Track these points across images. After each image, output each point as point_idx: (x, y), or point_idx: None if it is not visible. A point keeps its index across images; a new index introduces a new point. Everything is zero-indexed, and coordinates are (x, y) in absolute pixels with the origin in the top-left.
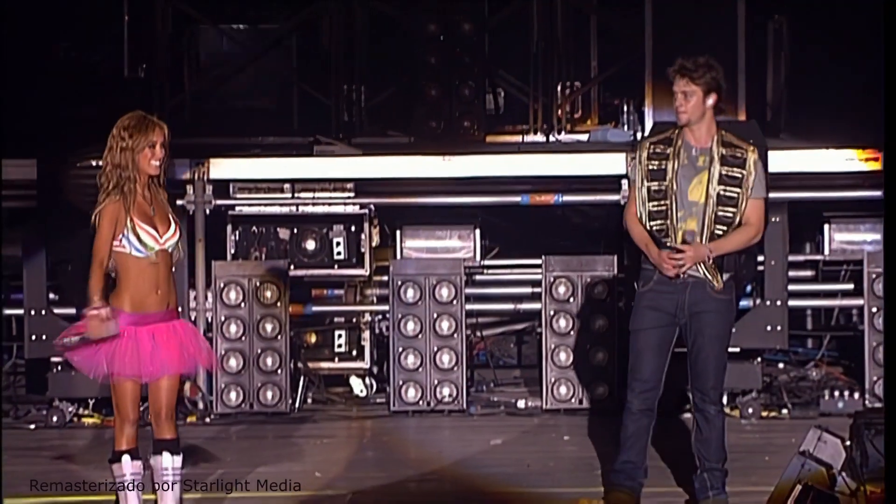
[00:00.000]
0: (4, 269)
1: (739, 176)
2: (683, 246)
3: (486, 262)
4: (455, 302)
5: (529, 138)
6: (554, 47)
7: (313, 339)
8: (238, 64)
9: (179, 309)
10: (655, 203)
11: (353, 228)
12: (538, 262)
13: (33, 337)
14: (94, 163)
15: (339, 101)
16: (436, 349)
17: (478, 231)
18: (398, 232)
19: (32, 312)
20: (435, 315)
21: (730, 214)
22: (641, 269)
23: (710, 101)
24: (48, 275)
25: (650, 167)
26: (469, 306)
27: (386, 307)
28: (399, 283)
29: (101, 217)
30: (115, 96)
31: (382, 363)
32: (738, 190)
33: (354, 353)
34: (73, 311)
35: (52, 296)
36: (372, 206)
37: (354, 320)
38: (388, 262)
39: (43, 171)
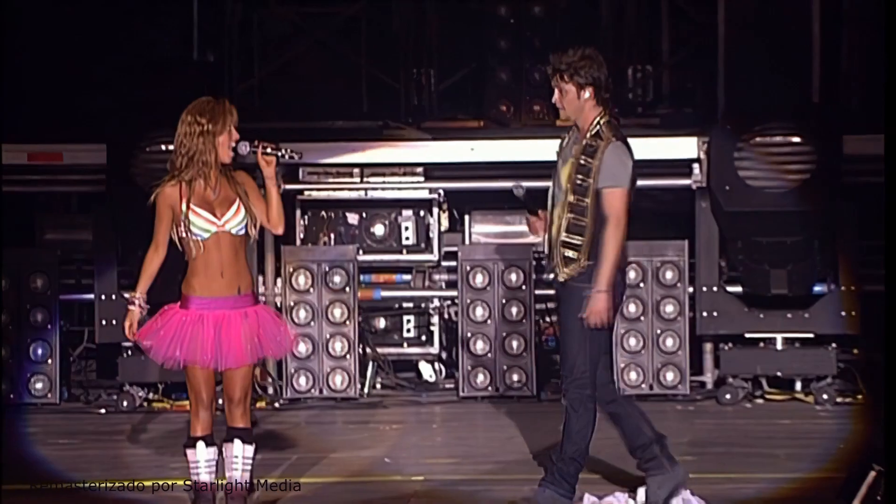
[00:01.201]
0: (76, 254)
1: (590, 165)
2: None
3: None
4: (524, 287)
5: None
6: (624, 30)
7: (382, 324)
8: (307, 47)
9: (259, 295)
10: (549, 198)
11: (421, 213)
12: None
13: (104, 322)
14: (163, 147)
15: (408, 84)
16: (505, 334)
17: (546, 214)
18: (467, 217)
19: (103, 297)
20: (504, 300)
21: (582, 205)
22: None
23: (586, 95)
24: (119, 260)
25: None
26: (538, 291)
27: (455, 292)
28: (468, 268)
29: (157, 201)
30: (184, 80)
31: (451, 349)
32: (588, 179)
33: (423, 338)
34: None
35: (122, 281)
36: (441, 191)
37: (423, 306)
38: (456, 247)
39: (113, 155)
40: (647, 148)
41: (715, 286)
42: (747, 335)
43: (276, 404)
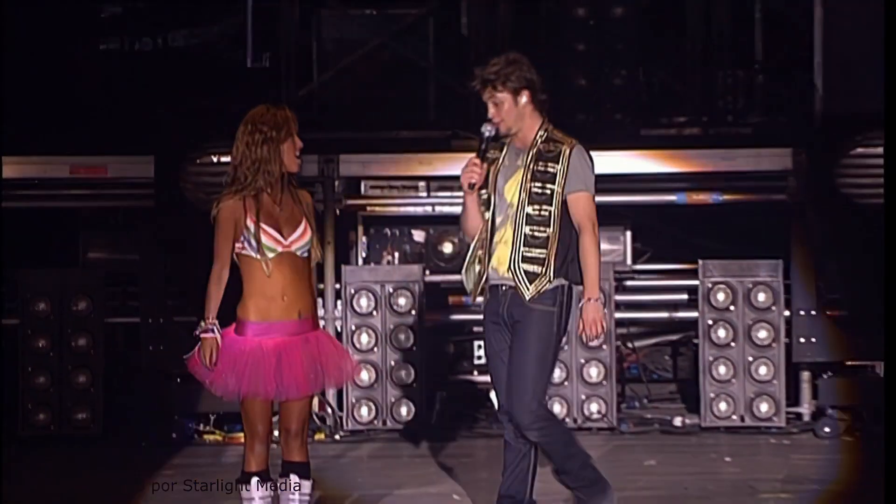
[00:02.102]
0: (122, 274)
1: (552, 171)
2: (578, 322)
3: (638, 267)
4: (604, 310)
5: (687, 132)
6: (713, 31)
7: (451, 349)
8: (369, 52)
9: (320, 322)
10: (488, 213)
11: None
12: (695, 266)
13: (151, 347)
14: (215, 158)
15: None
16: (583, 361)
17: (629, 233)
18: None
19: (150, 321)
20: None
21: (544, 214)
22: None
23: (524, 99)
24: (167, 280)
25: (487, 175)
26: (619, 315)
27: None
28: None
29: (219, 215)
30: (237, 87)
31: None
32: (551, 186)
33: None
34: (193, 319)
35: (170, 303)
36: None
37: None
38: None
39: (161, 168)
40: (737, 159)
41: (812, 310)
42: (847, 363)
43: (336, 436)
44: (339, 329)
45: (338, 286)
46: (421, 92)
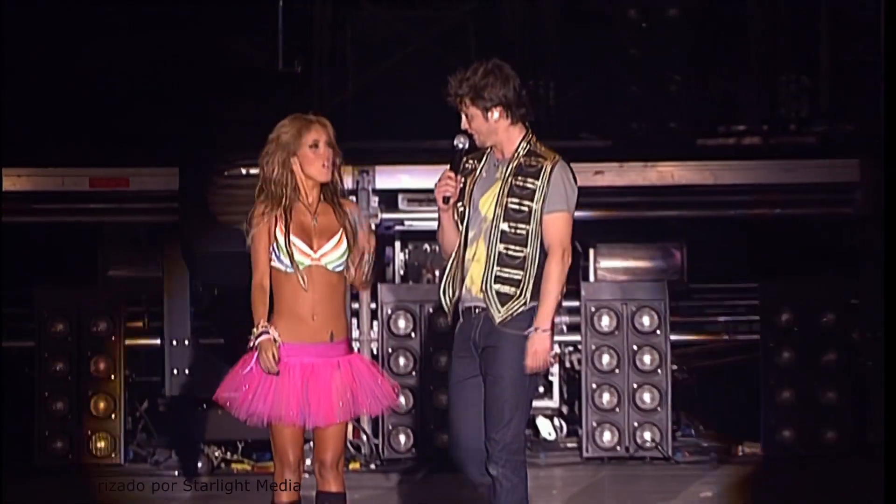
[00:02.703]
0: (144, 294)
1: (532, 187)
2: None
3: (695, 285)
4: (658, 331)
5: (746, 141)
6: (776, 33)
7: None
8: (407, 55)
9: (353, 341)
10: (462, 225)
11: None
12: (755, 285)
13: (175, 371)
14: (243, 170)
15: None
16: (635, 386)
17: (685, 249)
18: (592, 250)
19: (174, 343)
20: (635, 347)
21: (520, 233)
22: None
23: (495, 115)
24: (193, 300)
25: (461, 186)
26: (674, 336)
27: (577, 337)
28: (592, 309)
29: (251, 225)
30: (267, 94)
31: (573, 402)
32: (528, 203)
33: (542, 389)
34: (220, 341)
35: (196, 324)
36: None
37: None
38: (579, 285)
39: (186, 180)
40: (800, 171)
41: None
42: None
43: (373, 465)
44: (374, 352)
45: (373, 306)
46: None
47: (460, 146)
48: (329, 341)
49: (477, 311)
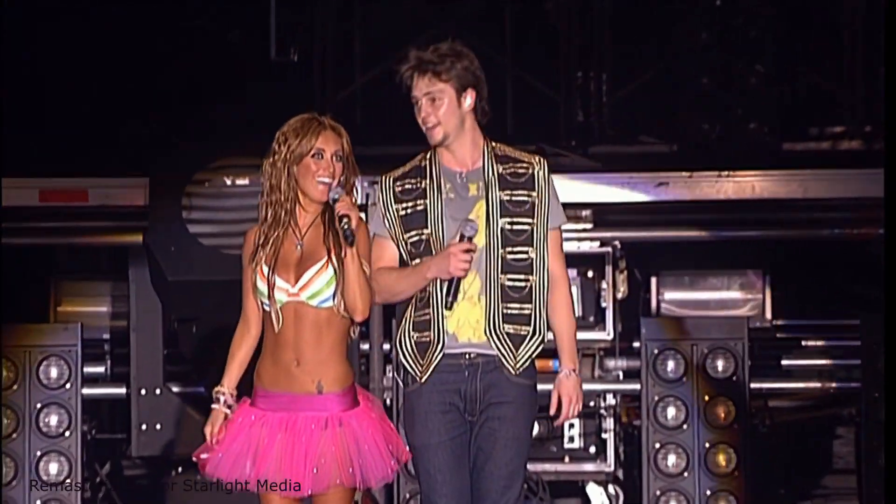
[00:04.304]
0: (106, 332)
1: (528, 200)
2: (553, 398)
3: (780, 322)
4: (735, 377)
5: (844, 146)
6: (878, 18)
7: (536, 428)
8: (429, 43)
9: (357, 393)
10: (418, 262)
11: (589, 274)
12: (855, 322)
13: (144, 426)
14: (228, 180)
15: (570, 94)
16: (707, 445)
17: (768, 278)
18: (654, 279)
19: (143, 392)
20: (706, 397)
21: (523, 259)
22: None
23: (468, 100)
24: (166, 339)
25: (402, 213)
26: (755, 384)
27: (636, 385)
28: (655, 351)
29: (243, 252)
30: (257, 88)
31: (632, 465)
32: (529, 221)
33: (592, 450)
34: (199, 389)
35: (170, 368)
36: (617, 243)
37: (592, 403)
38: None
39: (158, 193)
40: None
41: None
42: None
43: None
44: (388, 402)
45: (387, 347)
46: (496, 95)
47: (471, 234)
48: (315, 393)
49: (470, 356)
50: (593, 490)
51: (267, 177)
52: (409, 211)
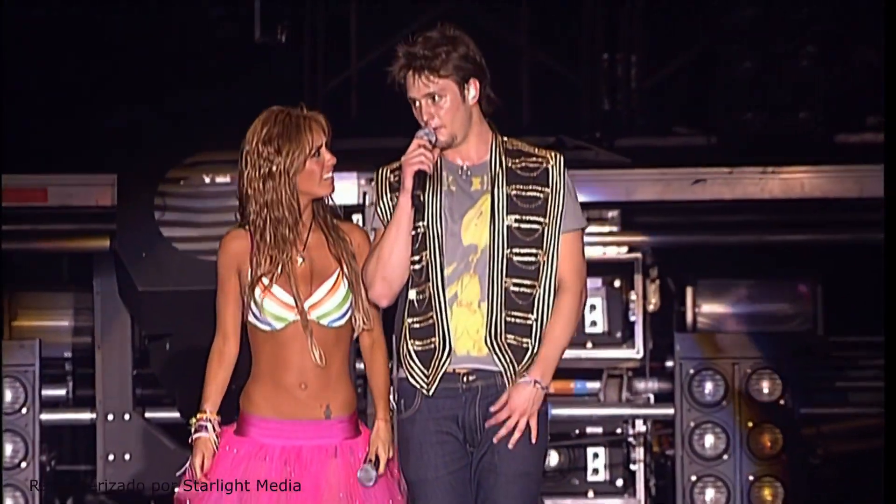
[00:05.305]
0: (67, 350)
1: (540, 196)
2: (502, 398)
3: (834, 338)
4: (783, 402)
5: None
6: None
7: (556, 459)
8: (434, 23)
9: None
10: (416, 258)
11: (616, 283)
12: None
13: (111, 456)
14: (207, 178)
15: (595, 80)
16: (752, 478)
17: (820, 288)
18: (689, 289)
19: (111, 418)
20: (750, 423)
21: (530, 262)
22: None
23: (472, 92)
24: (135, 358)
25: (418, 205)
26: (805, 409)
27: (670, 409)
28: (691, 371)
29: (220, 261)
30: (239, 75)
31: (664, 500)
32: (540, 220)
33: (620, 482)
34: (174, 415)
35: (139, 391)
36: (648, 248)
37: (619, 430)
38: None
39: (127, 191)
40: None
41: None
42: None
43: None
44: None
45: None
46: (510, 80)
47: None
48: (324, 418)
49: (469, 378)
50: None
51: (259, 192)
52: (416, 204)
